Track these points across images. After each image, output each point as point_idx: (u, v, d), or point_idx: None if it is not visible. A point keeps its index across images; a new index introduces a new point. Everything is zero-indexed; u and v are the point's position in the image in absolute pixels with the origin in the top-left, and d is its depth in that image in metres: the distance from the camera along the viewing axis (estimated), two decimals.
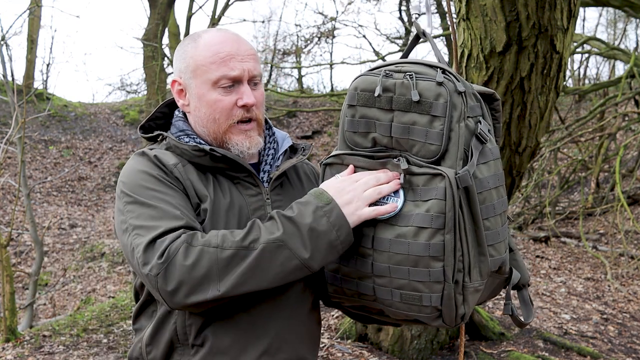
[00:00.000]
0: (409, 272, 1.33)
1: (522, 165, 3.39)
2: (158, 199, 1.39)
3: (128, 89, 19.15)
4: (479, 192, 1.34)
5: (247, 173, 1.51)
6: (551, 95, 3.15)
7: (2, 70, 6.13)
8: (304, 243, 1.32)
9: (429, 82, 1.34)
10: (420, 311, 1.36)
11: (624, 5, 7.32)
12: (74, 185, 13.02)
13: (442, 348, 4.42)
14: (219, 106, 1.49)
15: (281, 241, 1.31)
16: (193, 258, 1.29)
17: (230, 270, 1.29)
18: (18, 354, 4.55)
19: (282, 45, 19.35)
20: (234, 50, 1.49)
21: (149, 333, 1.48)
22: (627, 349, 4.98)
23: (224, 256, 1.29)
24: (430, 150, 1.34)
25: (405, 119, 1.35)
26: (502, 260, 1.42)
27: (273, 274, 1.31)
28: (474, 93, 1.40)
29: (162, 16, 13.77)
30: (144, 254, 1.32)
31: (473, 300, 1.38)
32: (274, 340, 1.45)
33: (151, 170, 1.44)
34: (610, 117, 9.23)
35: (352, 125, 1.42)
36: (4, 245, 5.17)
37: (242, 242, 1.31)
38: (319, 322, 1.61)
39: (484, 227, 1.35)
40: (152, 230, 1.34)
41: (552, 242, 8.85)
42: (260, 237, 1.32)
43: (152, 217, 1.36)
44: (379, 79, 1.38)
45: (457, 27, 3.14)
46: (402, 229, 1.34)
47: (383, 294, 1.39)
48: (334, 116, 15.72)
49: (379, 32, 27.96)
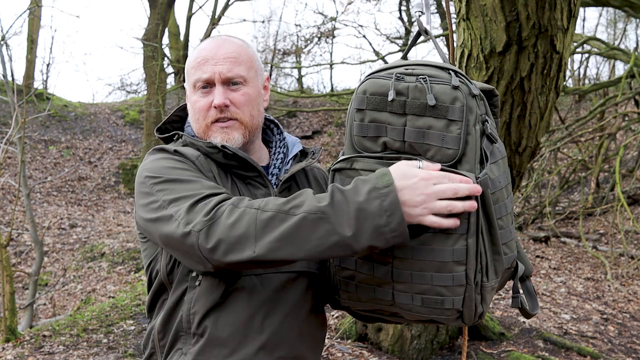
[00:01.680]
0: (432, 278, 1.32)
1: (522, 165, 3.39)
2: (190, 175, 1.41)
3: (128, 89, 19.17)
4: (492, 192, 1.33)
5: (257, 173, 1.54)
6: (551, 95, 3.15)
7: (2, 70, 6.13)
8: (348, 220, 1.25)
9: (443, 85, 1.33)
10: (441, 314, 1.36)
11: (624, 5, 7.33)
12: (74, 185, 13.03)
13: (442, 348, 4.42)
14: (197, 107, 1.57)
15: (323, 213, 1.25)
16: (235, 217, 1.28)
17: (268, 232, 1.27)
18: (18, 354, 4.55)
19: (282, 45, 19.37)
20: (210, 54, 1.56)
21: (160, 321, 1.51)
22: (627, 349, 4.98)
23: (263, 217, 1.27)
24: (447, 154, 1.32)
25: (419, 123, 1.33)
26: (514, 257, 1.44)
27: (311, 245, 1.26)
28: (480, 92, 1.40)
29: (162, 16, 13.77)
30: (186, 214, 1.31)
31: (490, 298, 1.39)
32: (272, 336, 1.46)
33: (174, 160, 1.48)
34: (610, 117, 9.24)
35: (362, 129, 1.39)
36: (4, 245, 5.17)
37: (283, 207, 1.28)
38: (324, 324, 1.61)
39: (498, 226, 1.35)
40: (193, 196, 1.34)
41: (552, 242, 8.85)
42: (304, 204, 1.27)
43: (189, 189, 1.36)
44: (391, 83, 1.35)
45: (457, 27, 3.14)
46: (424, 236, 1.32)
47: (403, 299, 1.37)
48: (334, 116, 15.73)
49: (379, 32, 27.98)
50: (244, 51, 1.59)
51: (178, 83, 15.17)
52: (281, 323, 1.48)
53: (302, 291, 1.51)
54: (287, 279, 1.49)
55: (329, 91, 18.12)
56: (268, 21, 21.27)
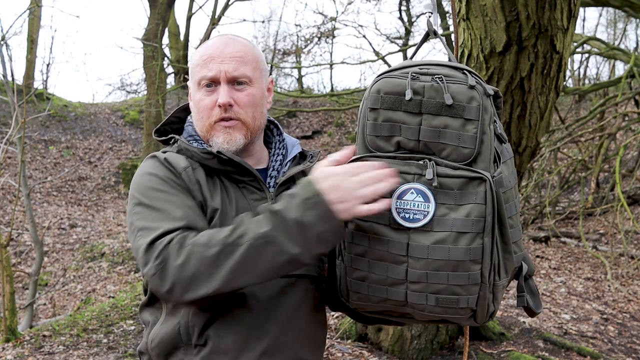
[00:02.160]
0: (448, 277, 1.32)
1: (522, 165, 3.39)
2: (162, 200, 1.43)
3: (128, 89, 19.17)
4: (503, 191, 1.34)
5: (252, 177, 1.53)
6: (551, 95, 3.15)
7: (2, 70, 6.13)
8: (292, 238, 1.30)
9: (459, 85, 1.34)
10: (455, 313, 1.36)
11: (624, 5, 7.33)
12: (74, 185, 13.03)
13: (442, 348, 4.42)
14: (201, 105, 1.56)
15: (268, 237, 1.30)
16: (183, 258, 1.31)
17: (219, 267, 1.31)
18: (18, 354, 4.55)
19: (282, 45, 19.37)
20: (216, 52, 1.55)
21: (154, 331, 1.51)
22: (627, 349, 4.98)
23: (210, 254, 1.31)
24: (462, 153, 1.33)
25: (436, 122, 1.34)
26: (523, 255, 1.45)
27: (262, 269, 1.31)
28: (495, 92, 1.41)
29: (162, 16, 13.77)
30: (144, 255, 1.36)
31: (500, 296, 1.40)
32: (274, 341, 1.46)
33: (159, 172, 1.48)
34: (610, 117, 9.24)
35: (375, 129, 1.39)
36: (4, 245, 5.17)
37: (228, 239, 1.31)
38: (324, 325, 1.60)
39: (509, 225, 1.36)
40: (152, 232, 1.37)
41: (552, 242, 8.85)
42: (247, 232, 1.31)
43: (154, 219, 1.40)
44: (407, 82, 1.35)
45: (457, 27, 3.14)
46: (440, 235, 1.32)
47: (416, 299, 1.37)
48: (334, 116, 15.72)
49: (379, 32, 27.97)
50: (250, 51, 1.58)
51: (178, 83, 15.18)
52: (283, 328, 1.47)
53: (302, 294, 1.51)
54: (286, 283, 1.48)
55: (329, 91, 18.11)
56: (268, 21, 21.28)
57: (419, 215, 1.34)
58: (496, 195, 1.32)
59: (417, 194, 1.35)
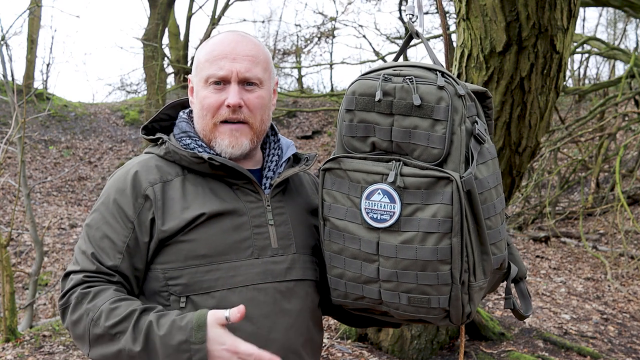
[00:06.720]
0: (417, 277, 1.33)
1: (522, 165, 3.39)
2: (100, 230, 1.45)
3: (128, 89, 19.13)
4: (480, 192, 1.34)
5: (246, 180, 1.50)
6: (551, 95, 3.15)
7: (2, 70, 6.12)
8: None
9: (429, 85, 1.34)
10: (428, 313, 1.38)
11: (624, 5, 7.33)
12: (74, 185, 13.03)
13: (442, 348, 4.42)
14: (207, 103, 1.50)
15: (136, 357, 1.33)
16: (75, 317, 1.40)
17: (96, 345, 1.37)
18: (18, 354, 4.55)
19: (282, 45, 19.34)
20: (228, 50, 1.49)
21: None
22: (627, 349, 4.98)
23: (94, 332, 1.36)
24: (432, 154, 1.34)
25: (406, 123, 1.35)
26: (503, 257, 1.44)
27: None
28: (468, 92, 1.41)
29: (162, 16, 13.77)
30: (61, 280, 1.47)
31: (478, 298, 1.39)
32: (278, 350, 1.42)
33: (120, 193, 1.46)
34: (610, 117, 9.24)
35: (351, 129, 1.41)
36: (4, 245, 5.17)
37: (111, 329, 1.35)
38: (321, 329, 1.60)
39: (486, 226, 1.36)
40: (75, 264, 1.45)
41: (552, 242, 8.85)
42: (125, 333, 1.33)
43: (82, 252, 1.46)
44: (379, 83, 1.37)
45: (457, 27, 3.14)
46: (408, 235, 1.33)
47: (390, 298, 1.38)
48: (333, 116, 15.71)
49: (379, 32, 27.87)
50: (262, 51, 1.54)
51: (178, 83, 15.17)
52: (285, 335, 1.45)
53: (302, 299, 1.49)
54: (286, 288, 1.47)
55: (329, 91, 18.09)
56: (268, 21, 21.25)
57: (386, 215, 1.35)
58: (470, 195, 1.32)
59: (384, 194, 1.36)
